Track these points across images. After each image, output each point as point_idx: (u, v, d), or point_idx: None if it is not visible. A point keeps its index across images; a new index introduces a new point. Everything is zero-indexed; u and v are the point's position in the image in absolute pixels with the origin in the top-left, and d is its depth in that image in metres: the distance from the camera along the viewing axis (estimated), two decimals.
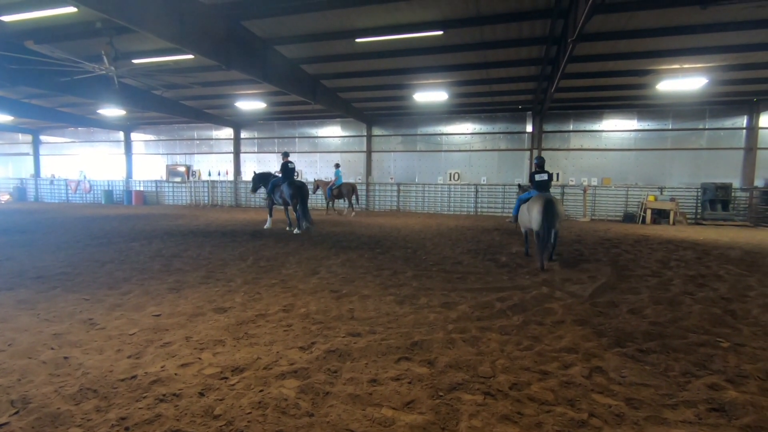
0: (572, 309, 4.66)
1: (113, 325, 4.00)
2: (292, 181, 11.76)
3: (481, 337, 3.78)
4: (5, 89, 17.73)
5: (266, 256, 7.78)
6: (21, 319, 4.11)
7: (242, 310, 4.51)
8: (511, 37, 11.07)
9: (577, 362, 3.24)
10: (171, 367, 3.08)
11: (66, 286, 5.39)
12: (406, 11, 9.81)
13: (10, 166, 28.89)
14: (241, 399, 2.63)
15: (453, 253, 8.40)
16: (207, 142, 24.39)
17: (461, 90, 16.02)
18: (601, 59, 12.13)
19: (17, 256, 7.49)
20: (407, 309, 4.64)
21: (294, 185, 11.58)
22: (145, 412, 2.47)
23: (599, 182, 18.10)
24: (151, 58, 12.61)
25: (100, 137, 26.43)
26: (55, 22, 10.44)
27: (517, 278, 6.23)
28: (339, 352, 3.38)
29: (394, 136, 21.09)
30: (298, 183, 11.74)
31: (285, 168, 11.99)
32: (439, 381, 2.92)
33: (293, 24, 10.68)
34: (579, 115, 18.34)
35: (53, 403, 2.56)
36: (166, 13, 8.70)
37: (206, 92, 17.39)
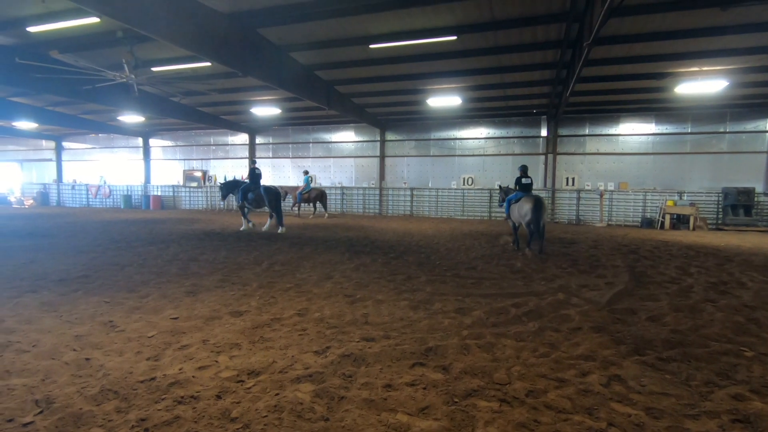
0: (589, 316, 4.59)
1: (132, 327, 4.08)
2: (267, 187, 12.66)
3: (497, 343, 3.75)
4: (31, 97, 18.33)
5: (281, 260, 7.85)
6: (44, 321, 4.22)
7: (258, 314, 4.55)
8: (525, 41, 11.03)
9: (594, 370, 3.19)
10: (189, 369, 3.13)
11: (87, 289, 5.52)
12: (420, 17, 9.85)
13: (34, 171, 29.77)
14: (257, 402, 2.66)
15: (467, 258, 8.35)
16: (223, 147, 24.77)
17: (475, 94, 15.99)
18: (618, 62, 11.98)
19: (41, 259, 7.70)
20: (421, 314, 4.63)
21: (269, 190, 12.51)
22: (164, 414, 2.51)
23: (616, 187, 17.82)
24: (170, 66, 12.89)
25: (119, 143, 27.07)
26: (78, 32, 10.76)
27: (532, 284, 6.16)
28: (353, 356, 3.38)
29: (407, 141, 21.12)
30: (273, 188, 12.71)
31: (252, 174, 12.82)
32: (454, 387, 2.90)
33: (308, 31, 10.81)
34: (595, 119, 18.12)
35: (76, 404, 2.62)
36: (185, 22, 8.90)
37: (223, 99, 17.69)
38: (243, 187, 12.93)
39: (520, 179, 9.71)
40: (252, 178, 12.81)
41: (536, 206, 8.59)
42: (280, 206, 12.67)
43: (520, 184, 9.69)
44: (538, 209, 8.58)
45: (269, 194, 12.45)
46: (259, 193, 12.51)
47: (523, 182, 9.67)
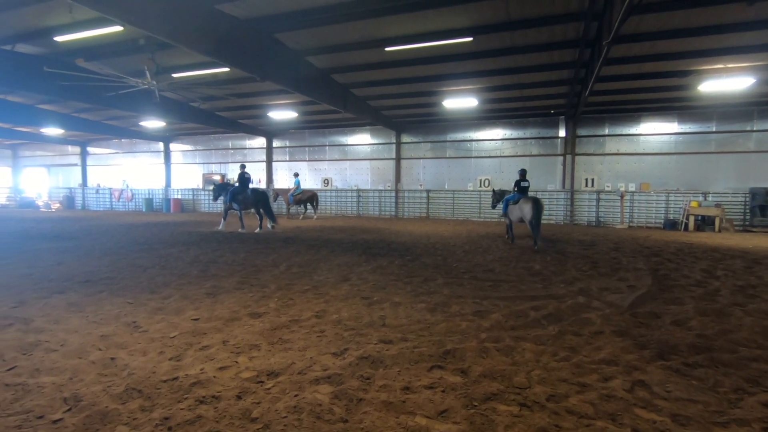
0: (611, 319, 4.49)
1: (155, 328, 4.17)
2: (255, 190, 13.45)
3: (516, 346, 3.71)
4: (57, 104, 18.96)
5: (298, 262, 7.92)
6: (71, 321, 4.34)
7: (276, 316, 4.60)
8: (542, 41, 10.91)
9: (617, 375, 3.12)
10: (210, 369, 3.18)
11: (111, 290, 5.67)
12: (436, 19, 9.84)
13: (60, 176, 30.74)
14: (276, 403, 2.68)
15: (484, 261, 8.28)
16: (241, 151, 25.15)
17: (491, 95, 15.88)
18: (639, 61, 11.74)
19: (67, 260, 7.93)
20: (439, 317, 4.61)
21: (257, 193, 13.32)
22: (187, 413, 2.56)
23: (637, 188, 17.45)
24: (190, 72, 13.18)
25: (141, 148, 27.75)
26: (102, 41, 11.09)
27: (551, 287, 6.07)
28: (371, 358, 3.39)
29: (423, 143, 21.09)
30: (260, 191, 13.59)
31: (242, 178, 13.54)
32: (473, 390, 2.88)
33: (324, 35, 10.91)
34: (615, 119, 17.79)
35: (102, 402, 2.69)
36: (205, 28, 9.09)
37: (240, 103, 17.98)
38: (232, 189, 13.53)
39: (519, 182, 10.77)
40: (241, 182, 13.45)
41: (535, 206, 9.69)
42: (269, 206, 13.47)
43: (519, 187, 10.71)
44: (537, 209, 9.68)
45: (258, 196, 13.20)
46: (248, 195, 13.20)
47: (521, 185, 10.71)
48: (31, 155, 31.55)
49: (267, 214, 13.40)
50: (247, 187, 13.45)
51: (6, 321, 4.29)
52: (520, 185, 10.68)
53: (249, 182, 13.71)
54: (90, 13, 9.00)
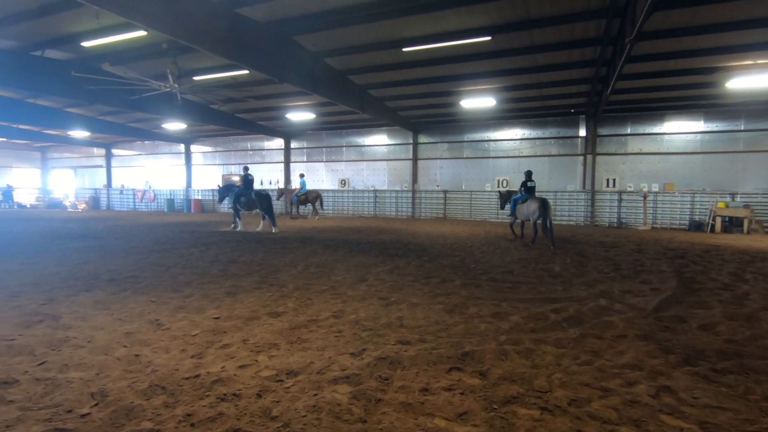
0: (634, 323, 4.39)
1: (177, 326, 4.25)
2: (258, 191, 13.76)
3: (536, 349, 3.65)
4: (84, 107, 19.55)
5: (315, 262, 7.97)
6: (97, 318, 4.47)
7: (295, 315, 4.64)
8: (562, 39, 10.74)
9: (642, 380, 3.05)
10: (230, 367, 3.23)
11: (135, 289, 5.81)
12: (454, 19, 9.79)
13: (86, 177, 31.70)
14: (296, 402, 2.71)
15: (502, 262, 8.19)
16: (259, 152, 25.49)
17: (510, 95, 15.71)
18: (663, 58, 11.45)
19: (93, 259, 8.17)
20: (457, 318, 4.58)
21: (260, 194, 13.56)
22: (209, 410, 2.60)
23: (661, 188, 17.00)
24: (210, 75, 13.42)
25: (163, 150, 28.40)
26: (127, 45, 11.39)
27: (572, 289, 5.97)
28: (389, 359, 3.39)
29: (440, 144, 21.00)
30: (263, 193, 13.85)
31: (246, 179, 13.80)
32: (492, 393, 2.85)
33: (342, 36, 10.97)
34: (637, 118, 17.37)
35: (127, 397, 2.75)
36: (226, 32, 9.24)
37: (259, 105, 18.23)
38: (236, 191, 13.86)
39: (526, 183, 11.20)
40: (245, 183, 13.77)
41: (543, 206, 10.24)
42: (272, 208, 13.69)
43: (526, 187, 11.17)
44: (545, 209, 10.23)
45: (260, 198, 13.46)
46: (251, 196, 13.49)
47: (528, 185, 11.16)
48: (59, 157, 32.62)
49: (269, 216, 13.61)
50: (250, 188, 13.77)
51: (36, 317, 4.44)
52: (527, 186, 11.17)
53: (252, 184, 14.03)
54: (115, 19, 9.24)
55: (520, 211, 11.18)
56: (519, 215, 11.34)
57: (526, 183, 11.20)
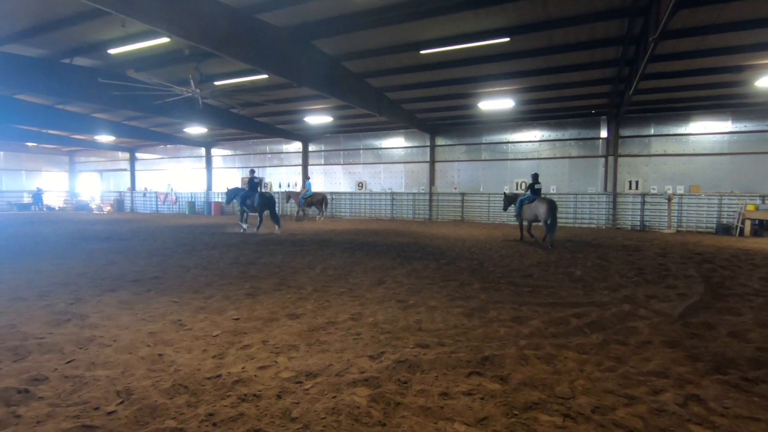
0: (660, 329, 4.27)
1: (199, 326, 4.32)
2: (262, 194, 14.07)
3: (557, 355, 3.59)
4: (110, 113, 20.16)
5: (333, 265, 8.01)
6: (122, 318, 4.58)
7: (313, 317, 4.67)
8: (583, 39, 10.57)
9: (668, 388, 2.96)
10: (251, 368, 3.26)
11: (158, 289, 5.94)
12: (472, 20, 9.75)
13: (111, 180, 32.63)
14: (315, 404, 2.72)
15: (522, 266, 8.08)
16: (278, 155, 25.81)
17: (529, 96, 15.53)
18: (688, 57, 11.14)
19: (118, 260, 8.39)
20: (476, 322, 4.53)
21: (264, 197, 13.92)
22: (230, 410, 2.63)
23: (686, 190, 16.52)
24: (231, 80, 13.68)
25: (184, 153, 29.02)
26: (151, 52, 11.70)
27: (594, 293, 5.85)
28: (408, 362, 3.37)
29: (458, 146, 20.89)
30: (268, 195, 14.14)
31: (252, 182, 14.30)
32: (513, 399, 2.80)
33: (360, 40, 11.04)
34: (661, 118, 16.94)
35: (151, 396, 2.81)
36: (246, 37, 9.41)
37: (278, 109, 18.46)
38: (242, 193, 14.31)
39: (533, 185, 11.58)
40: (251, 186, 14.24)
41: (551, 207, 10.66)
42: (275, 211, 14.11)
43: (533, 189, 11.57)
44: (552, 209, 10.64)
45: (264, 199, 13.88)
46: (256, 199, 13.91)
47: (535, 187, 11.56)
48: (85, 161, 33.65)
49: (272, 218, 14.02)
50: (256, 191, 14.22)
51: (65, 316, 4.58)
52: (534, 188, 11.57)
53: (258, 186, 14.48)
54: (140, 27, 9.51)
55: (526, 212, 11.56)
56: (525, 216, 11.67)
57: (533, 185, 11.63)
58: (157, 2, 7.55)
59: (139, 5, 7.27)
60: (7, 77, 11.96)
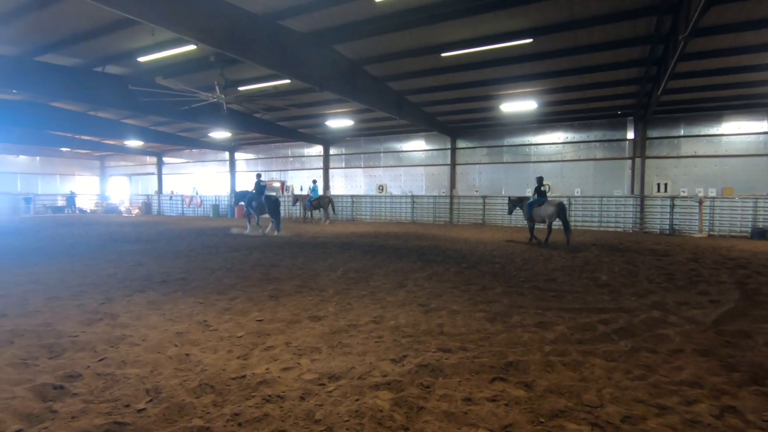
0: (692, 337, 4.12)
1: (224, 327, 4.41)
2: (267, 197, 14.60)
3: (584, 361, 3.50)
4: (139, 119, 20.81)
5: (354, 267, 8.04)
6: (151, 318, 4.71)
7: (335, 320, 4.69)
8: (609, 38, 10.33)
9: (702, 399, 2.85)
10: (274, 370, 3.30)
11: (185, 290, 6.08)
12: (493, 22, 9.67)
13: (139, 184, 33.66)
14: (338, 406, 2.73)
15: (545, 270, 7.94)
16: (299, 159, 26.12)
17: (552, 98, 15.27)
18: (720, 55, 10.75)
19: (146, 262, 8.64)
20: (499, 327, 4.47)
21: (270, 199, 14.48)
22: (254, 411, 2.67)
23: (718, 193, 15.90)
24: (254, 85, 13.92)
25: (209, 157, 29.69)
26: (178, 59, 12.04)
27: (621, 299, 5.69)
28: (431, 367, 3.35)
29: (479, 148, 20.70)
30: (273, 198, 14.65)
31: (258, 186, 14.90)
32: (538, 406, 2.75)
33: (380, 44, 11.09)
34: (692, 119, 16.38)
35: (179, 395, 2.88)
36: (270, 44, 9.59)
37: (300, 113, 18.71)
38: (249, 196, 14.93)
39: (539, 188, 12.34)
40: (257, 189, 14.79)
41: (561, 208, 11.45)
42: (278, 213, 14.72)
43: (539, 192, 12.30)
44: (562, 211, 11.45)
45: (269, 203, 14.42)
46: (261, 201, 14.51)
47: (542, 190, 12.33)
48: (115, 165, 34.82)
49: (274, 220, 14.60)
50: (261, 194, 14.77)
51: (97, 316, 4.74)
52: (540, 190, 12.32)
53: (264, 189, 14.99)
54: (168, 35, 9.79)
55: (536, 214, 12.12)
56: (535, 218, 12.23)
57: (539, 188, 12.31)
58: (185, 11, 7.77)
59: (168, 15, 7.50)
60: (45, 86, 12.50)
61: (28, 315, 4.78)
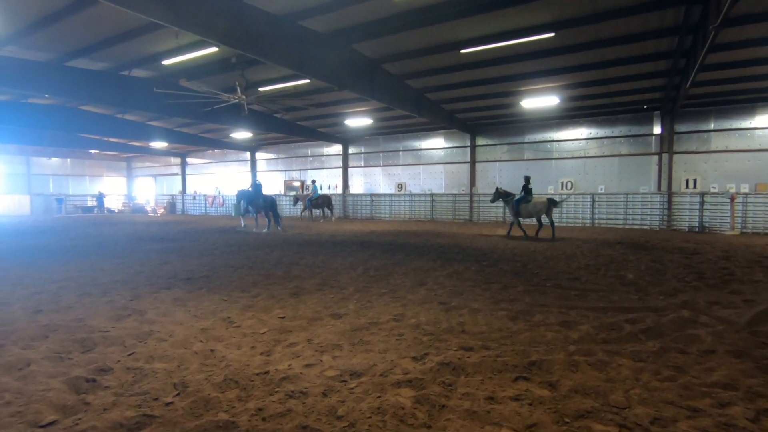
0: (724, 337, 3.97)
1: (247, 324, 4.48)
2: (265, 196, 15.64)
3: (610, 361, 3.42)
4: (163, 121, 21.35)
5: (374, 266, 8.06)
6: (177, 315, 4.83)
7: (356, 317, 4.71)
8: (633, 31, 10.05)
9: (737, 401, 2.74)
10: (297, 366, 3.34)
11: (209, 288, 6.21)
12: (514, 17, 9.53)
13: (164, 184, 34.53)
14: (360, 403, 2.74)
15: (568, 268, 7.78)
16: (319, 158, 26.33)
17: (574, 93, 14.96)
18: (754, 44, 10.31)
19: (171, 260, 8.86)
20: (521, 325, 4.41)
21: (267, 199, 15.52)
22: (278, 406, 2.71)
23: (751, 189, 15.29)
24: (274, 85, 14.10)
25: (231, 157, 30.22)
26: (200, 62, 12.29)
27: (648, 298, 5.53)
28: (452, 365, 3.33)
29: (499, 145, 20.44)
30: (270, 197, 15.73)
31: (256, 186, 16.10)
32: (563, 406, 2.70)
33: (399, 42, 11.06)
34: (722, 112, 15.78)
35: (205, 389, 2.94)
36: (290, 44, 9.68)
37: (319, 112, 18.85)
38: (249, 196, 15.91)
39: (527, 186, 13.19)
40: (254, 189, 15.94)
41: (550, 204, 12.54)
42: (277, 211, 15.76)
43: (526, 190, 13.14)
44: (550, 207, 12.57)
45: (267, 202, 15.45)
46: (259, 201, 15.47)
47: (528, 188, 13.18)
48: (141, 166, 35.82)
49: (274, 218, 15.59)
50: (260, 193, 15.76)
51: (125, 312, 4.89)
52: (527, 188, 13.17)
53: (261, 189, 16.07)
54: (191, 38, 10.00)
55: (524, 210, 13.00)
56: (523, 213, 13.10)
57: (527, 186, 13.21)
58: (208, 14, 7.93)
59: (192, 18, 7.66)
60: (76, 90, 12.96)
61: (61, 311, 4.97)
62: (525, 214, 13.04)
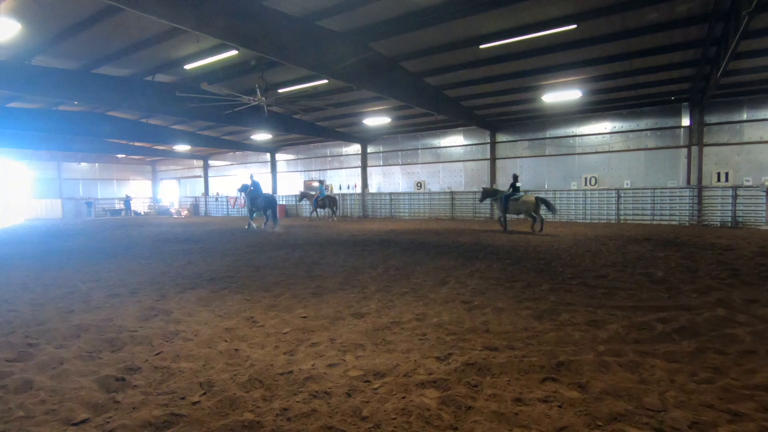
0: (765, 337, 3.78)
1: (270, 323, 4.51)
2: (265, 195, 16.21)
3: (642, 362, 3.29)
4: (186, 124, 21.81)
5: (395, 264, 8.02)
6: (202, 314, 4.90)
7: (378, 317, 4.68)
8: (661, 20, 9.72)
9: None
10: (320, 366, 3.33)
11: (232, 288, 6.29)
12: (534, 9, 9.34)
13: (188, 186, 35.32)
14: (385, 404, 2.71)
15: (594, 266, 7.58)
16: (338, 158, 26.46)
17: (598, 86, 14.59)
18: None
19: (195, 260, 9.02)
20: (547, 325, 4.30)
21: (267, 198, 16.07)
22: (302, 406, 2.70)
23: None
24: (293, 87, 14.22)
25: (251, 159, 30.68)
26: (221, 65, 12.49)
27: (680, 296, 5.32)
28: (478, 365, 3.26)
29: (520, 141, 20.13)
30: (270, 196, 16.36)
31: (256, 185, 16.59)
32: (595, 408, 2.61)
33: (417, 39, 10.99)
34: (756, 102, 15.13)
35: (230, 389, 2.96)
36: (308, 45, 9.74)
37: (337, 112, 18.92)
38: (251, 194, 16.41)
39: (515, 184, 14.00)
40: (256, 188, 16.45)
41: (538, 202, 13.10)
42: (276, 210, 16.17)
43: (515, 188, 13.95)
44: (539, 205, 13.12)
45: (267, 200, 15.94)
46: (259, 201, 16.04)
47: (516, 186, 14.02)
48: (165, 170, 36.72)
49: (272, 217, 16.05)
50: (260, 192, 16.35)
51: (152, 312, 4.99)
52: (515, 186, 13.97)
53: (260, 188, 16.60)
54: (212, 42, 10.18)
55: (512, 207, 13.67)
56: (511, 210, 13.79)
57: (515, 184, 13.95)
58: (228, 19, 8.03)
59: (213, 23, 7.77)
60: (103, 96, 13.37)
61: (91, 311, 5.10)
62: (513, 210, 13.72)
